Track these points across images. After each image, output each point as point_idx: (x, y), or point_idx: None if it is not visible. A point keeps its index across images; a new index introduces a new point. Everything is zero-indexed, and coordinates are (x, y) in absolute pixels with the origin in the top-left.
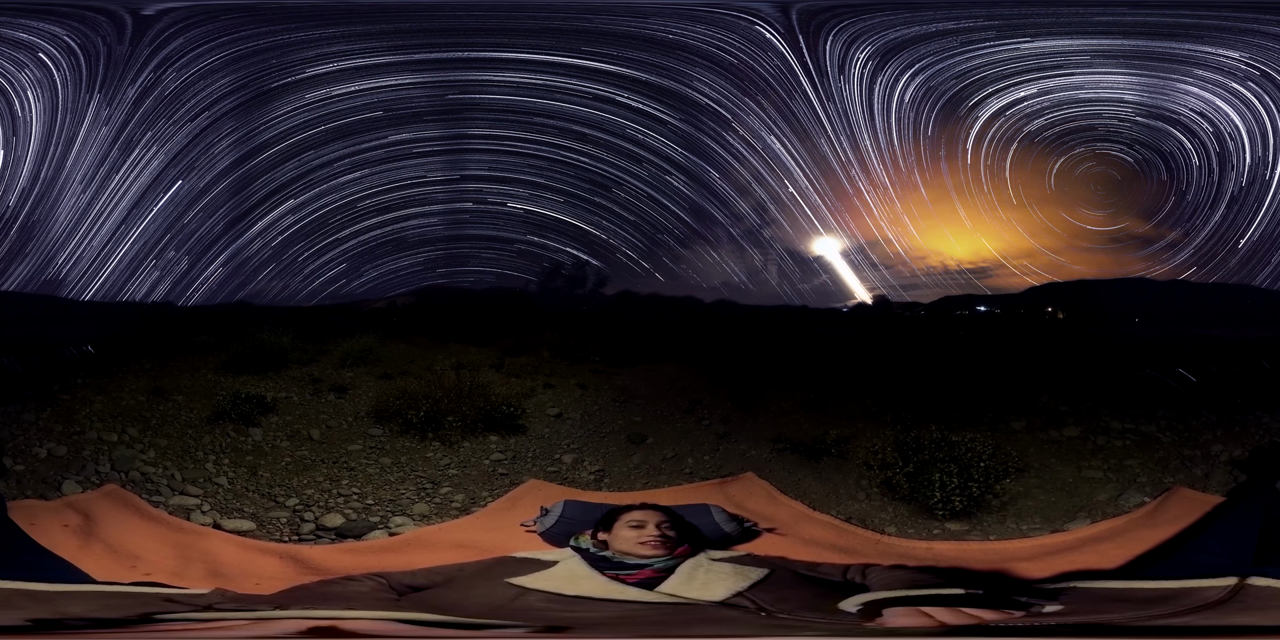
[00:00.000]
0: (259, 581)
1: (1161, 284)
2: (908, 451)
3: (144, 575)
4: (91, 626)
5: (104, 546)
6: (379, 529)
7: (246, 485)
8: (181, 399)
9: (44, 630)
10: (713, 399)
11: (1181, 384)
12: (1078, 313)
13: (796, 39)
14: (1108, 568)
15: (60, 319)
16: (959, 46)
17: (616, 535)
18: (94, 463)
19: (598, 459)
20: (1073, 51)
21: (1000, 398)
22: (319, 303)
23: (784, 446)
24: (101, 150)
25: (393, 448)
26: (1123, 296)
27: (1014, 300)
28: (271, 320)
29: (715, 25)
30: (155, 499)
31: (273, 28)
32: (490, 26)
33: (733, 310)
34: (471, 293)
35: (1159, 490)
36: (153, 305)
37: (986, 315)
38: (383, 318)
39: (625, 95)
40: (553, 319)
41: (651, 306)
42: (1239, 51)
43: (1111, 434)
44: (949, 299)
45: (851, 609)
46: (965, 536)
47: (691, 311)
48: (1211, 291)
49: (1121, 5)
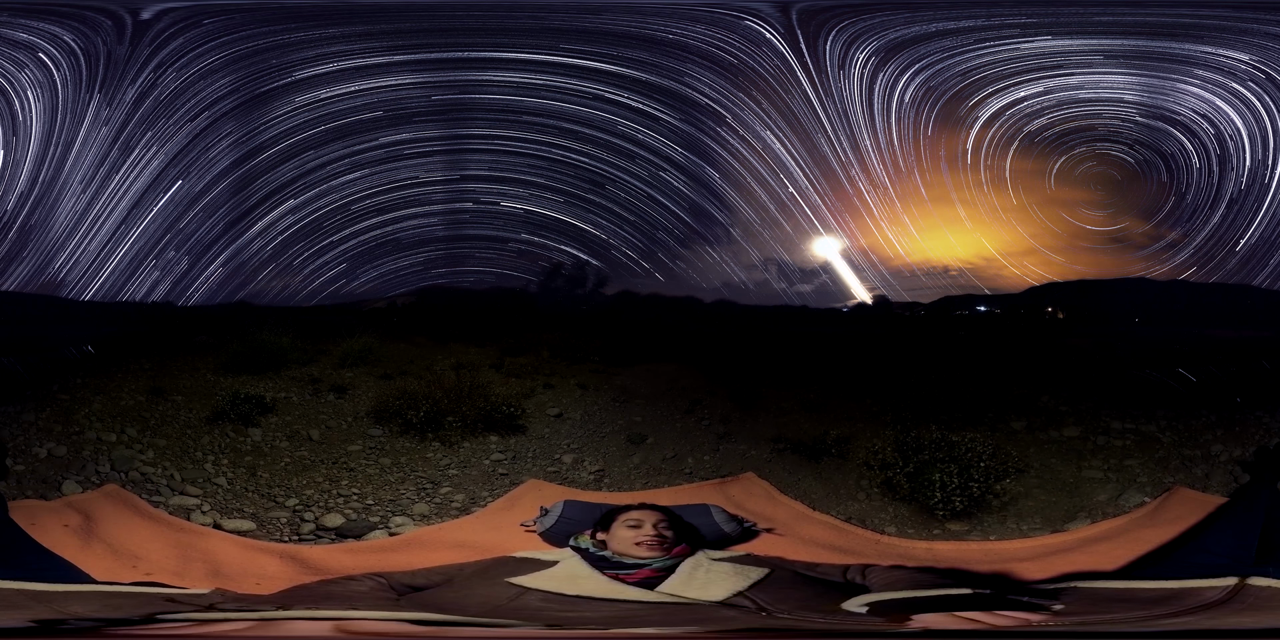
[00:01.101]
0: (259, 581)
1: (1161, 284)
2: (908, 451)
3: (145, 575)
4: (93, 626)
5: (105, 546)
6: (379, 529)
7: (246, 485)
8: (181, 399)
9: (46, 631)
10: (713, 399)
11: (1181, 384)
12: (1078, 313)
13: (796, 38)
14: (1108, 568)
15: (60, 319)
16: (959, 46)
17: (614, 535)
18: (94, 463)
19: (598, 459)
20: (1073, 51)
21: (1000, 398)
22: (319, 303)
23: (784, 446)
24: (101, 151)
25: (393, 448)
26: (1123, 296)
27: (1014, 300)
28: (271, 320)
29: (714, 25)
30: (155, 499)
31: (273, 28)
32: (490, 26)
33: (733, 310)
34: (471, 293)
35: (1159, 490)
36: (153, 305)
37: (986, 315)
38: (383, 318)
39: (624, 95)
40: (553, 319)
41: (651, 306)
42: (1240, 52)
43: (1111, 434)
44: (949, 299)
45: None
46: (965, 536)
47: (691, 311)
48: (1211, 291)
49: (1121, 5)
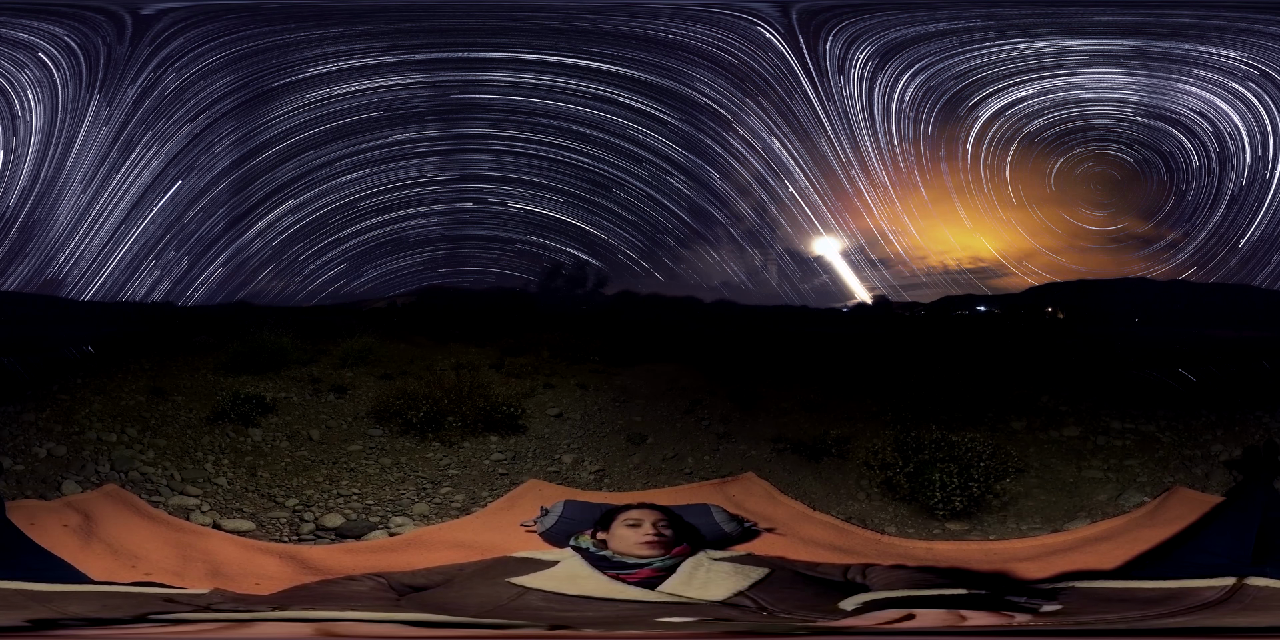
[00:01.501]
0: (259, 581)
1: (1161, 284)
2: (908, 451)
3: (144, 575)
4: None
5: (104, 546)
6: (379, 529)
7: (246, 485)
8: (181, 399)
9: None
10: (713, 399)
11: (1181, 384)
12: (1078, 313)
13: (796, 39)
14: (1107, 568)
15: (60, 319)
16: (959, 46)
17: (614, 534)
18: (93, 463)
19: (598, 459)
20: (1073, 51)
21: (1000, 398)
22: (319, 303)
23: (784, 446)
24: (101, 150)
25: (393, 448)
26: (1123, 296)
27: (1014, 300)
28: (271, 320)
29: (715, 25)
30: (154, 499)
31: (273, 28)
32: (490, 26)
33: (733, 310)
34: (471, 293)
35: (1159, 490)
36: (153, 305)
37: (986, 315)
38: (383, 318)
39: (625, 95)
40: (553, 319)
41: (651, 306)
42: (1239, 51)
43: (1111, 434)
44: (949, 299)
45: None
46: (965, 536)
47: (691, 311)
48: (1211, 291)
49: (1121, 5)
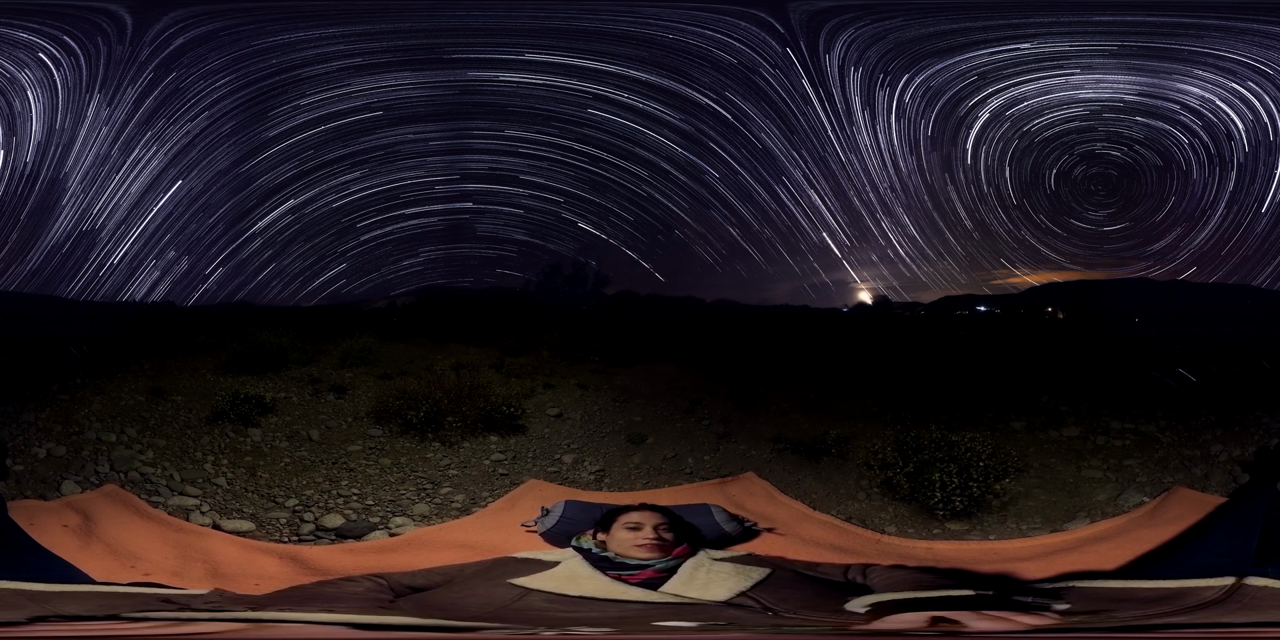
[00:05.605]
0: (259, 581)
1: (1161, 284)
2: (908, 451)
3: (144, 575)
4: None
5: (104, 546)
6: (379, 529)
7: (245, 486)
8: (180, 399)
9: None
10: (713, 399)
11: (1181, 384)
12: (1078, 313)
13: (797, 40)
14: (1107, 568)
15: (60, 319)
16: (959, 46)
17: (614, 536)
18: (93, 463)
19: (598, 459)
20: (1073, 51)
21: (1000, 398)
22: (319, 303)
23: (784, 446)
24: (101, 150)
25: (392, 448)
26: (1123, 296)
27: (1014, 300)
28: (271, 320)
29: (715, 26)
30: (154, 499)
31: (273, 28)
32: (490, 26)
33: (733, 310)
34: (471, 293)
35: (1159, 490)
36: (153, 305)
37: (986, 315)
38: (383, 318)
39: (626, 95)
40: (553, 319)
41: (651, 306)
42: (1239, 51)
43: (1111, 434)
44: (949, 299)
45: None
46: (965, 536)
47: (691, 311)
48: (1211, 291)
49: (1121, 5)
